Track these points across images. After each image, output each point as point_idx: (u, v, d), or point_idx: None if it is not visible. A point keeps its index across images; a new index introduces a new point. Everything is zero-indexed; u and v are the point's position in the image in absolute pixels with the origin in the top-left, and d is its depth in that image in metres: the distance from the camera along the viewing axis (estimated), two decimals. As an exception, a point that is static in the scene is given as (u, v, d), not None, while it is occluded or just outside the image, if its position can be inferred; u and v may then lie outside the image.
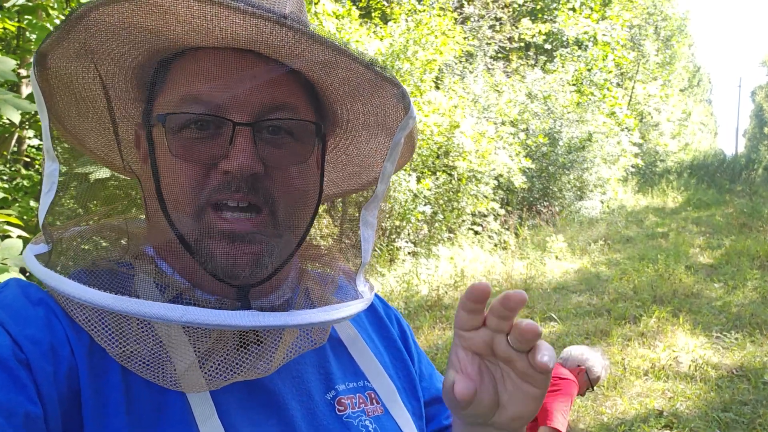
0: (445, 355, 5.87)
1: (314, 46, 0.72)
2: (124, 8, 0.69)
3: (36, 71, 0.77)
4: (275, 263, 0.77)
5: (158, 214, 0.75)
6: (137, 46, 0.77)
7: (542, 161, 13.02)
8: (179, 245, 0.74)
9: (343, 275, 0.95)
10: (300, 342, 0.80)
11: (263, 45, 0.73)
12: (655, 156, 22.44)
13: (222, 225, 0.74)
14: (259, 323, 0.71)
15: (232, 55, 0.75)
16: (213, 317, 0.69)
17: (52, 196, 0.78)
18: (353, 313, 0.83)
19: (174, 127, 0.74)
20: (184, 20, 0.71)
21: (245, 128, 0.74)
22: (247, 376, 0.74)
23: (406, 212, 9.55)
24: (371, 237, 0.91)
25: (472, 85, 13.07)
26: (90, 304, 0.68)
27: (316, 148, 0.83)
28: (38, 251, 0.79)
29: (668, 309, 7.00)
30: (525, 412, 0.75)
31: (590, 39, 16.47)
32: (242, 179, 0.73)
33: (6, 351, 0.63)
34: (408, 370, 1.01)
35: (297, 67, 0.78)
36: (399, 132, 0.85)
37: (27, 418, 0.60)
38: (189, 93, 0.74)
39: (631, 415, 4.75)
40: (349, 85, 0.82)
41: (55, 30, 0.73)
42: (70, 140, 0.89)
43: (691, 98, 41.38)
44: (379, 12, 12.43)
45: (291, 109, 0.78)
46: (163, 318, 0.68)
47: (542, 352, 0.70)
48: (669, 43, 28.11)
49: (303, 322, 0.75)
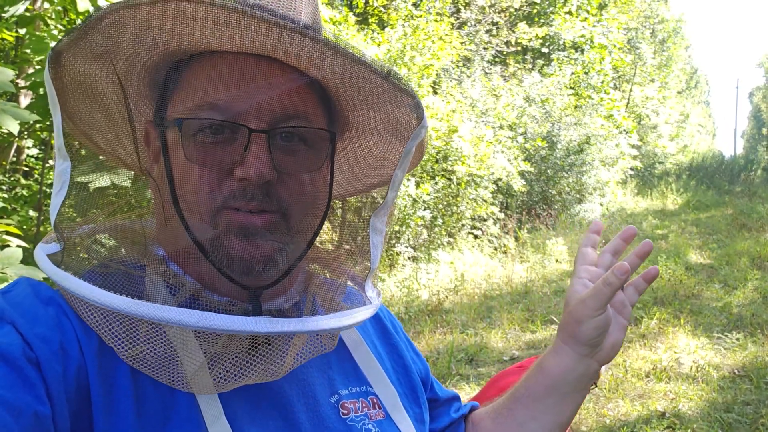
0: (446, 360, 5.86)
1: (334, 57, 0.73)
2: (145, 12, 0.70)
3: (50, 69, 0.77)
4: (286, 263, 0.78)
5: (172, 217, 0.76)
6: (154, 47, 0.78)
7: (541, 165, 13.02)
8: (193, 247, 0.75)
9: (350, 281, 0.97)
10: (310, 347, 0.81)
11: (283, 53, 0.74)
12: (654, 158, 22.44)
13: (237, 219, 0.75)
14: (273, 329, 0.72)
15: (249, 61, 0.76)
16: (229, 323, 0.69)
17: (63, 194, 0.78)
18: (363, 319, 0.85)
19: (189, 131, 0.75)
20: (205, 26, 0.71)
21: (261, 135, 0.75)
22: (257, 379, 0.74)
23: (405, 217, 9.54)
24: (380, 244, 0.92)
25: (469, 89, 13.08)
26: (105, 306, 0.68)
27: (328, 156, 0.84)
28: (50, 251, 0.79)
29: (669, 310, 6.99)
30: (619, 339, 0.98)
31: (587, 42, 16.51)
32: (257, 186, 0.74)
33: (16, 349, 0.63)
34: (410, 376, 1.03)
35: (315, 77, 0.79)
36: (411, 141, 0.86)
37: (36, 417, 0.60)
38: (206, 99, 0.75)
39: (633, 417, 4.74)
40: (364, 94, 0.83)
41: (74, 29, 0.74)
42: (81, 138, 0.89)
43: (689, 100, 41.44)
44: (376, 18, 12.46)
45: (305, 118, 0.79)
46: (179, 323, 0.68)
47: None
48: (665, 46, 28.16)
49: (315, 328, 0.76)
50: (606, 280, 0.91)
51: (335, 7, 10.15)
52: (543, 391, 1.01)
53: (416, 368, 1.06)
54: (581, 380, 0.99)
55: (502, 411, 1.06)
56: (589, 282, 0.97)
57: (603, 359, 0.99)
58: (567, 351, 0.99)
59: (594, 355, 0.98)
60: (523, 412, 1.02)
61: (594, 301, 0.92)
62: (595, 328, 0.94)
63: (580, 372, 0.98)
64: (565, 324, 0.98)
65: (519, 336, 6.72)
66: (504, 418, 1.05)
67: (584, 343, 0.96)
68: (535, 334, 6.68)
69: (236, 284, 0.75)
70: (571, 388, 0.99)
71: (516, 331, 6.86)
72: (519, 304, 7.80)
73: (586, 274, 0.99)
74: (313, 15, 0.80)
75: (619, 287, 0.91)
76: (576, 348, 0.97)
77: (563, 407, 1.00)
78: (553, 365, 1.00)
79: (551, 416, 1.00)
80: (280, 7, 0.74)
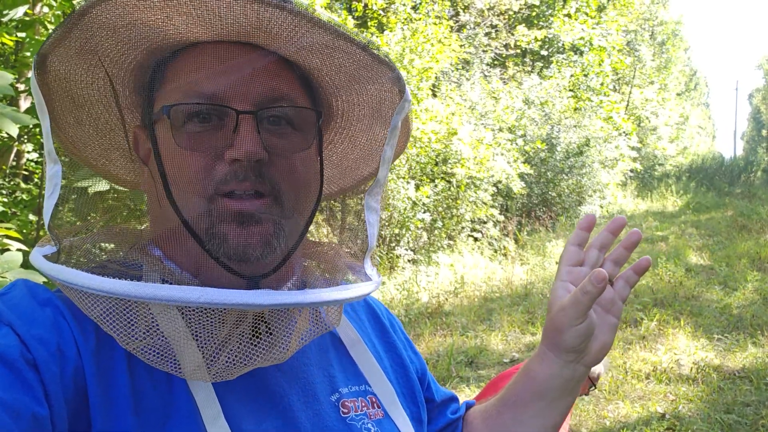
0: (446, 362, 5.86)
1: (314, 30, 0.74)
2: (125, 3, 0.70)
3: (36, 74, 0.77)
4: (283, 248, 0.78)
5: (167, 211, 0.76)
6: (137, 44, 0.78)
7: (540, 167, 13.03)
8: (189, 238, 0.75)
9: (350, 260, 0.96)
10: (313, 327, 0.81)
11: (262, 32, 0.75)
12: (654, 160, 22.45)
13: (231, 206, 0.75)
14: (275, 301, 0.72)
15: (230, 48, 0.77)
16: (230, 297, 0.69)
17: (56, 197, 0.78)
18: (365, 293, 0.85)
19: (178, 121, 0.76)
20: (185, 12, 0.72)
21: (248, 116, 0.75)
22: (262, 363, 0.74)
23: (405, 220, 9.55)
24: (376, 222, 0.92)
25: (469, 92, 13.10)
26: (104, 293, 0.68)
27: (315, 137, 0.84)
28: (45, 252, 0.79)
29: (669, 312, 6.99)
30: (608, 341, 0.94)
31: (586, 44, 16.53)
32: (249, 167, 0.75)
33: (14, 351, 0.63)
34: (408, 376, 1.03)
35: (295, 54, 0.79)
36: (396, 115, 0.86)
37: (34, 418, 0.60)
38: (190, 87, 0.76)
39: (634, 419, 4.74)
40: (346, 72, 0.84)
41: (57, 29, 0.74)
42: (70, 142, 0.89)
43: (689, 102, 41.45)
44: (375, 21, 12.48)
45: (290, 100, 0.80)
46: (180, 300, 0.68)
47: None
48: (665, 48, 28.20)
49: (317, 300, 0.76)
50: (583, 288, 0.87)
51: (334, 11, 10.17)
52: (529, 396, 1.00)
53: (414, 367, 1.06)
54: (568, 385, 0.98)
55: (492, 413, 1.06)
56: (571, 286, 0.94)
57: (590, 362, 0.96)
58: (551, 357, 0.97)
59: (580, 360, 0.96)
60: (511, 415, 1.02)
61: (573, 310, 0.90)
62: (576, 337, 0.92)
63: (566, 377, 0.97)
64: (547, 331, 0.96)
65: (519, 338, 6.72)
66: (493, 420, 1.06)
67: (568, 351, 0.94)
68: (535, 336, 6.68)
69: (234, 273, 0.75)
70: (558, 393, 0.98)
71: (516, 333, 6.86)
72: (519, 306, 7.80)
73: (569, 276, 0.96)
74: None
75: (598, 295, 0.87)
76: (560, 355, 0.95)
77: (551, 411, 0.99)
78: (539, 371, 0.99)
79: (540, 420, 1.00)
80: None
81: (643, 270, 0.95)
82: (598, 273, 0.86)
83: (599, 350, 0.95)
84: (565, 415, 1.01)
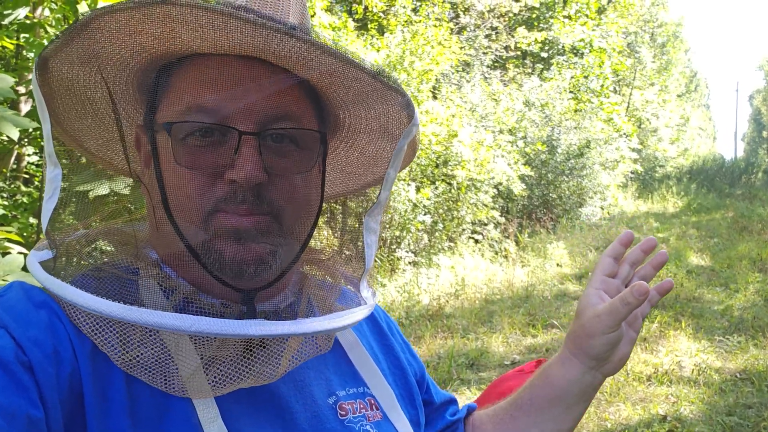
0: (447, 364, 5.85)
1: (323, 57, 0.73)
2: (130, 16, 0.70)
3: (37, 75, 0.77)
4: (279, 265, 0.78)
5: (163, 221, 0.76)
6: (141, 51, 0.78)
7: (541, 168, 13.02)
8: (185, 251, 0.74)
9: (345, 281, 0.96)
10: (305, 348, 0.81)
11: (270, 54, 0.74)
12: (655, 161, 22.44)
13: (228, 222, 0.74)
14: (267, 332, 0.72)
15: (237, 62, 0.75)
16: (222, 327, 0.69)
17: (55, 201, 0.78)
18: (358, 320, 0.84)
19: (179, 135, 0.75)
20: (191, 29, 0.71)
21: (251, 137, 0.74)
22: (253, 383, 0.74)
23: (405, 222, 9.54)
24: (374, 243, 0.92)
25: (469, 94, 13.10)
26: (98, 313, 0.68)
27: (319, 157, 0.83)
28: (42, 258, 0.78)
29: (670, 314, 6.98)
30: (627, 353, 0.99)
31: (586, 46, 16.53)
32: (248, 189, 0.74)
33: (9, 353, 0.63)
34: (406, 379, 1.03)
35: (304, 77, 0.78)
36: (402, 139, 0.85)
37: (29, 421, 0.60)
38: (194, 102, 0.75)
39: (635, 421, 4.73)
40: (354, 94, 0.83)
41: (59, 36, 0.74)
42: (70, 143, 0.89)
43: (689, 103, 41.45)
44: (376, 24, 12.50)
45: (295, 118, 0.79)
46: (173, 328, 0.68)
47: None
48: (665, 49, 28.20)
49: (309, 330, 0.76)
50: (624, 300, 0.90)
51: (334, 13, 10.18)
52: (547, 401, 1.02)
53: (412, 370, 1.06)
54: (586, 390, 1.01)
55: (504, 417, 1.07)
56: (604, 294, 0.98)
57: (609, 372, 1.00)
58: (574, 362, 1.00)
59: (601, 368, 1.00)
60: (526, 419, 1.04)
61: (610, 318, 0.93)
62: (606, 344, 0.96)
63: (585, 383, 1.00)
64: (575, 336, 0.99)
65: (520, 340, 6.71)
66: (506, 423, 1.06)
67: (593, 357, 0.98)
68: (536, 339, 6.67)
69: (229, 287, 0.75)
70: (576, 399, 1.01)
71: (517, 335, 6.85)
72: (520, 308, 7.79)
73: (603, 284, 0.99)
74: (300, 15, 0.80)
75: (637, 307, 0.90)
76: (584, 360, 0.99)
77: (567, 417, 1.02)
78: (559, 376, 1.01)
79: (554, 425, 1.02)
80: (266, 7, 0.74)
81: (666, 291, 1.00)
82: (640, 286, 0.89)
83: (619, 361, 0.99)
84: (577, 423, 1.04)
